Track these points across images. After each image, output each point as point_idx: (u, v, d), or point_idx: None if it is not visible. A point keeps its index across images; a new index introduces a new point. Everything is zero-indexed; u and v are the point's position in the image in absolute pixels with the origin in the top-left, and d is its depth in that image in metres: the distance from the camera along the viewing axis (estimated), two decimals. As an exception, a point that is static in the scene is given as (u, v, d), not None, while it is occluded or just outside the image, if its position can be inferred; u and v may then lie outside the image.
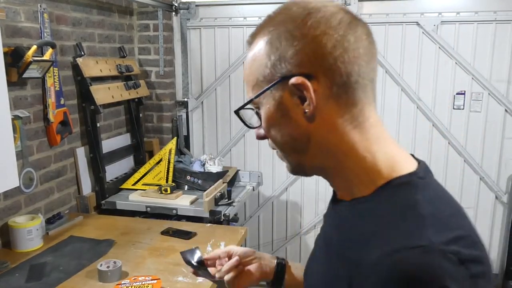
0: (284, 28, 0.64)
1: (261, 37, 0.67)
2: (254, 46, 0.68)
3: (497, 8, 2.69)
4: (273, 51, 0.65)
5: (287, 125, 0.66)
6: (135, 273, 1.67)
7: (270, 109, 0.67)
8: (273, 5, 2.50)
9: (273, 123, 0.67)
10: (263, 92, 0.66)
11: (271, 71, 0.65)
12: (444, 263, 0.52)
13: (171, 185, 2.52)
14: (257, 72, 0.67)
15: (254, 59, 0.68)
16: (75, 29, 2.37)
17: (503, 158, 2.85)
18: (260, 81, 0.67)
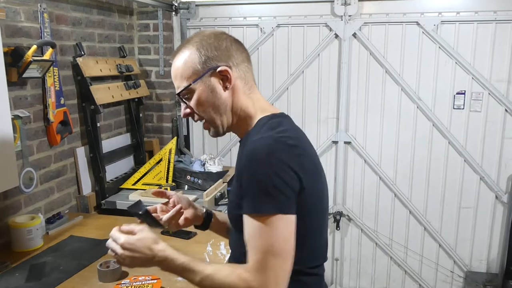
0: (206, 41, 1.09)
1: (188, 48, 1.09)
2: (182, 55, 1.10)
3: (497, 8, 2.69)
4: (202, 54, 1.08)
5: (215, 98, 1.09)
6: (135, 273, 1.67)
7: (202, 90, 1.08)
8: (273, 5, 2.49)
9: (205, 99, 1.09)
10: (199, 79, 1.07)
11: (202, 66, 1.07)
12: (277, 144, 0.98)
13: (171, 185, 2.52)
14: (191, 69, 1.08)
15: (186, 61, 1.09)
16: (75, 29, 2.37)
17: (503, 158, 2.85)
18: (192, 74, 1.08)
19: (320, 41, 2.96)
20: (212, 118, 1.11)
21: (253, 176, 0.96)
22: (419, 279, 3.14)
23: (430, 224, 3.03)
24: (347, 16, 2.86)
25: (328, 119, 3.07)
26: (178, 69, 1.10)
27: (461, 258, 3.04)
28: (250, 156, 0.97)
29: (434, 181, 2.98)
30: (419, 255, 3.11)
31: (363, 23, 2.87)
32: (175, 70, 1.11)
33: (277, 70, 3.07)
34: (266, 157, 0.95)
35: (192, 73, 1.07)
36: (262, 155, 0.95)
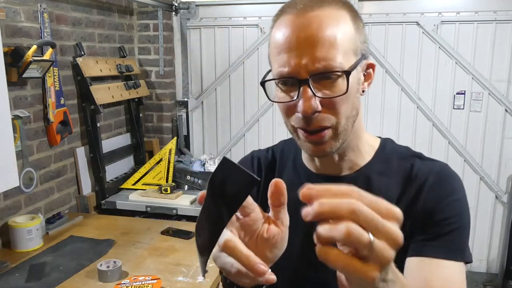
0: (359, 16, 0.75)
1: (341, 8, 0.71)
2: (337, 13, 0.70)
3: (497, 8, 2.69)
4: (358, 30, 0.72)
5: (357, 97, 0.74)
6: (135, 273, 1.67)
7: (354, 79, 0.70)
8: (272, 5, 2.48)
9: (352, 93, 0.71)
10: (360, 61, 0.71)
11: (359, 46, 0.72)
12: None
13: (171, 185, 2.52)
14: (351, 43, 0.70)
15: (346, 30, 0.69)
16: (75, 29, 2.37)
17: (503, 158, 2.85)
18: (352, 51, 0.70)
19: (320, 41, 2.96)
20: (345, 128, 0.73)
21: (465, 214, 0.76)
22: (419, 279, 3.14)
23: (430, 224, 3.03)
24: (347, 16, 2.85)
25: (328, 119, 3.07)
26: (333, 30, 0.68)
27: (461, 258, 3.04)
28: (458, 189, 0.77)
29: (434, 181, 2.98)
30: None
31: (363, 23, 2.86)
32: (327, 30, 0.67)
33: (277, 70, 3.07)
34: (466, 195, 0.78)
35: (353, 50, 0.70)
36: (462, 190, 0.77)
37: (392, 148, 0.84)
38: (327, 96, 0.69)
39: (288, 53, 0.68)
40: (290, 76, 0.69)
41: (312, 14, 0.68)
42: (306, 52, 0.67)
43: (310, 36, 0.67)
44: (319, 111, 0.69)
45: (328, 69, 0.67)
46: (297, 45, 0.67)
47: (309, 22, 0.67)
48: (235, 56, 3.11)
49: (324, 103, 0.69)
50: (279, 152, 0.90)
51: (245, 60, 3.10)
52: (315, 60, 0.66)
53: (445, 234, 0.74)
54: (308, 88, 0.67)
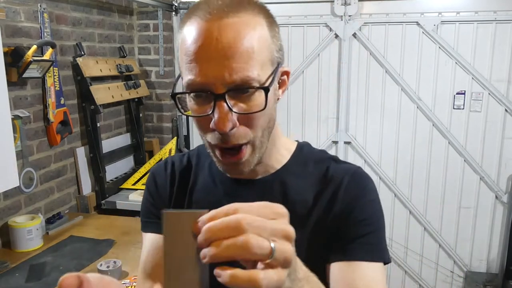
0: (275, 22, 0.69)
1: (259, 16, 0.65)
2: (254, 19, 0.64)
3: (497, 8, 2.69)
4: (274, 38, 0.68)
5: (274, 108, 0.71)
6: (135, 273, 1.67)
7: (272, 90, 0.66)
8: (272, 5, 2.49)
9: (270, 106, 0.66)
10: (275, 72, 0.67)
11: (276, 56, 0.68)
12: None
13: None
14: (267, 51, 0.66)
15: (263, 38, 0.65)
16: (75, 29, 2.37)
17: (503, 158, 2.85)
18: (269, 60, 0.66)
19: (320, 41, 2.96)
20: (262, 141, 0.70)
21: (380, 215, 0.77)
22: (419, 279, 3.14)
23: (430, 224, 3.03)
24: (347, 16, 2.85)
25: (328, 119, 3.07)
26: (251, 39, 0.63)
27: (461, 258, 3.04)
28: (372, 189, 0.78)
29: (434, 181, 2.98)
30: (419, 255, 3.11)
31: (363, 23, 2.86)
32: (244, 39, 0.62)
33: (277, 70, 3.07)
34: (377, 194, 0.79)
35: (270, 60, 0.66)
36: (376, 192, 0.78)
37: (308, 151, 0.82)
38: (244, 111, 0.64)
39: (200, 64, 0.62)
40: (204, 90, 0.63)
41: (227, 21, 0.62)
42: (221, 63, 0.61)
43: (226, 46, 0.61)
44: (235, 126, 0.65)
45: (245, 82, 0.62)
46: (211, 55, 0.61)
47: (225, 30, 0.61)
48: (235, 56, 3.10)
49: (240, 118, 0.65)
50: (195, 156, 0.87)
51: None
52: (232, 72, 0.61)
53: (365, 235, 0.74)
54: (224, 103, 0.62)
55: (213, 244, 0.43)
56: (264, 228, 0.43)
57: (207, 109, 0.64)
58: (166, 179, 0.85)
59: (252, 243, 0.42)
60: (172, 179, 0.85)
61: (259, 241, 0.42)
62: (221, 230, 0.43)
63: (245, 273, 0.43)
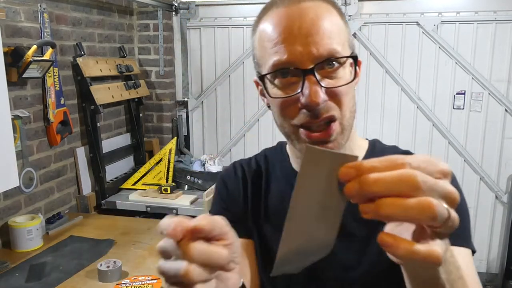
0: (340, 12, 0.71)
1: (329, 5, 0.68)
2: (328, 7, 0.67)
3: (497, 8, 2.69)
4: (347, 26, 0.71)
5: (354, 93, 0.70)
6: (135, 273, 1.67)
7: (351, 72, 0.68)
8: (273, 5, 2.37)
9: (351, 86, 0.68)
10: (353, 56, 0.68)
11: (351, 41, 0.70)
12: None
13: (171, 185, 2.52)
14: (343, 34, 0.68)
15: (339, 24, 0.68)
16: (75, 29, 2.37)
17: (503, 158, 2.85)
18: (346, 42, 0.68)
19: (320, 41, 2.96)
20: (348, 119, 0.69)
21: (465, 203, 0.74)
22: (419, 279, 3.14)
23: (430, 224, 3.03)
24: (347, 16, 2.85)
25: (328, 119, 3.07)
26: (330, 20, 0.66)
27: (461, 258, 3.04)
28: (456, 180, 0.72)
29: (434, 181, 2.98)
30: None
31: (363, 23, 2.86)
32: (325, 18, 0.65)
33: (277, 70, 3.07)
34: None
35: (347, 42, 0.69)
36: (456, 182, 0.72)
37: (381, 148, 0.82)
38: (332, 85, 0.65)
39: (286, 43, 0.64)
40: (292, 66, 0.64)
41: (305, 5, 0.65)
42: (307, 40, 0.63)
43: (310, 24, 0.63)
44: (326, 100, 0.65)
45: (332, 55, 0.64)
46: (296, 34, 0.63)
47: (306, 11, 0.64)
48: (235, 56, 3.10)
49: (328, 93, 0.65)
50: (263, 160, 0.86)
51: (245, 60, 3.10)
52: (319, 46, 0.63)
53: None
54: (313, 77, 0.63)
55: (383, 200, 0.36)
56: (437, 189, 0.37)
57: (295, 88, 0.65)
58: (238, 183, 0.84)
59: (436, 207, 0.36)
60: (244, 183, 0.84)
61: (439, 205, 0.36)
62: (395, 184, 0.36)
63: (425, 248, 0.37)
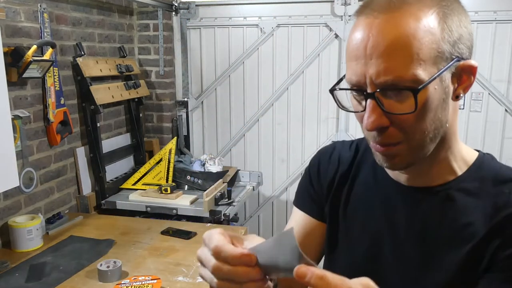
0: (457, 9, 0.64)
1: (425, 7, 0.61)
2: (417, 15, 0.60)
3: (497, 8, 2.69)
4: (450, 30, 0.62)
5: (442, 108, 0.64)
6: (135, 273, 1.67)
7: (436, 90, 0.62)
8: (273, 5, 2.48)
9: (432, 107, 0.62)
10: (446, 68, 0.62)
11: (450, 50, 0.63)
12: None
13: (171, 185, 2.52)
14: (433, 48, 0.60)
15: (427, 30, 0.60)
16: (75, 29, 2.37)
17: (503, 158, 2.85)
18: (434, 57, 0.61)
19: (320, 41, 2.96)
20: (421, 144, 0.66)
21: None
22: (419, 279, 3.14)
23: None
24: (347, 16, 2.86)
25: (328, 119, 3.07)
26: (407, 38, 0.59)
27: (461, 258, 3.04)
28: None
29: (434, 181, 2.98)
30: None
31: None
32: (399, 39, 0.59)
33: (277, 70, 3.07)
34: None
35: (435, 57, 0.61)
36: None
37: (490, 166, 0.73)
38: (396, 112, 0.62)
39: (356, 61, 0.63)
40: (357, 88, 0.64)
41: (386, 16, 0.60)
42: (373, 62, 0.60)
43: (380, 45, 0.59)
44: (386, 127, 0.63)
45: (396, 83, 0.60)
46: (365, 53, 0.61)
47: (381, 27, 0.60)
48: (235, 56, 3.11)
49: (393, 118, 0.63)
50: (363, 145, 0.84)
51: (245, 60, 3.10)
52: (382, 72, 0.60)
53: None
54: (374, 101, 0.62)
55: None
56: None
57: (362, 106, 0.65)
58: (330, 165, 0.85)
59: None
60: (336, 167, 0.84)
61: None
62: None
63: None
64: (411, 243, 0.72)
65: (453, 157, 0.72)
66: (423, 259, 0.71)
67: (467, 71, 0.66)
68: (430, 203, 0.72)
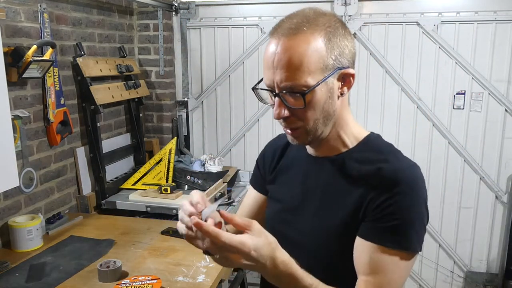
0: (336, 28, 0.88)
1: (315, 32, 0.85)
2: (307, 38, 0.85)
3: (497, 8, 2.69)
4: (334, 47, 0.87)
5: (329, 104, 0.90)
6: (135, 273, 1.67)
7: (322, 91, 0.88)
8: (273, 5, 2.48)
9: (319, 103, 0.88)
10: (328, 76, 0.87)
11: (333, 63, 0.87)
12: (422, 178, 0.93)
13: (171, 185, 2.52)
14: (319, 62, 0.85)
15: (315, 50, 0.85)
16: (75, 29, 2.37)
17: (503, 158, 2.85)
18: (320, 69, 0.86)
19: (320, 41, 2.96)
20: (315, 127, 0.92)
21: (415, 210, 0.89)
22: (419, 279, 3.14)
23: (430, 224, 3.03)
24: (347, 16, 2.85)
25: (328, 119, 3.07)
26: (300, 56, 0.84)
27: (461, 258, 3.04)
28: (415, 186, 0.89)
29: (434, 181, 2.98)
30: (419, 255, 3.11)
31: (363, 23, 2.86)
32: (294, 56, 0.84)
33: (277, 70, 3.07)
34: (425, 192, 0.91)
35: (321, 68, 0.86)
36: (423, 190, 0.90)
37: (375, 142, 1.00)
38: (293, 107, 0.88)
39: (268, 70, 0.88)
40: (269, 89, 0.90)
41: (286, 39, 0.85)
42: (278, 72, 0.86)
43: (282, 60, 0.84)
44: (287, 117, 0.90)
45: (293, 87, 0.86)
46: (273, 65, 0.86)
47: (283, 47, 0.85)
48: (235, 56, 3.11)
49: (292, 111, 0.89)
50: None
51: (245, 60, 3.10)
52: (284, 79, 0.85)
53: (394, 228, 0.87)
54: (279, 99, 0.88)
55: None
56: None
57: (272, 101, 0.92)
58: (271, 153, 1.18)
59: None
60: (277, 152, 1.16)
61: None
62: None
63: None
64: (316, 195, 0.99)
65: (345, 135, 0.98)
66: (323, 207, 0.97)
67: (348, 76, 0.91)
68: (329, 168, 0.98)
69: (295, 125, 0.91)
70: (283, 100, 0.88)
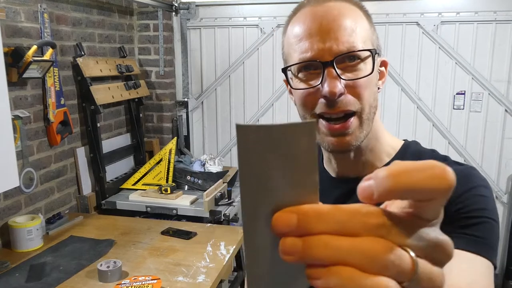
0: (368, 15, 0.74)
1: (356, 6, 0.72)
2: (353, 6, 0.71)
3: (497, 8, 2.69)
4: (372, 27, 0.73)
5: (376, 90, 0.72)
6: (135, 273, 1.67)
7: (376, 65, 0.71)
8: (273, 5, 2.48)
9: (373, 82, 0.70)
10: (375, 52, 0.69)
11: (375, 41, 0.73)
12: None
13: (171, 185, 2.52)
14: (367, 34, 0.71)
15: (362, 19, 0.71)
16: (75, 29, 2.37)
17: (503, 158, 2.85)
18: (368, 39, 0.70)
19: (320, 41, 2.96)
20: (367, 117, 0.71)
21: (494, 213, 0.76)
22: (419, 279, 3.14)
23: (430, 224, 3.03)
24: (347, 16, 2.85)
25: (328, 119, 3.07)
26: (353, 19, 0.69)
27: (461, 258, 3.04)
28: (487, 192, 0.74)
29: (434, 181, 2.98)
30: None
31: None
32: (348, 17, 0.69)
33: (277, 70, 3.07)
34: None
35: (370, 41, 0.71)
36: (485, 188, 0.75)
37: (415, 151, 0.79)
38: (352, 78, 0.68)
39: (309, 39, 0.68)
40: (313, 60, 0.68)
41: (330, 4, 0.69)
42: (328, 36, 0.67)
43: (332, 22, 0.67)
44: (343, 93, 0.67)
45: (352, 50, 0.67)
46: (319, 30, 0.68)
47: (330, 10, 0.69)
48: (235, 56, 3.11)
49: (348, 87, 0.68)
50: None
51: (245, 60, 3.10)
52: (339, 42, 0.67)
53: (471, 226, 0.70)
54: (333, 69, 0.67)
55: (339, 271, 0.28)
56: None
57: (317, 81, 0.69)
58: None
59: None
60: None
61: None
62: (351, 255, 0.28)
63: None
64: None
65: (380, 146, 0.77)
66: None
67: (383, 65, 0.76)
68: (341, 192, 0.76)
69: (352, 107, 0.68)
70: (336, 71, 0.66)
